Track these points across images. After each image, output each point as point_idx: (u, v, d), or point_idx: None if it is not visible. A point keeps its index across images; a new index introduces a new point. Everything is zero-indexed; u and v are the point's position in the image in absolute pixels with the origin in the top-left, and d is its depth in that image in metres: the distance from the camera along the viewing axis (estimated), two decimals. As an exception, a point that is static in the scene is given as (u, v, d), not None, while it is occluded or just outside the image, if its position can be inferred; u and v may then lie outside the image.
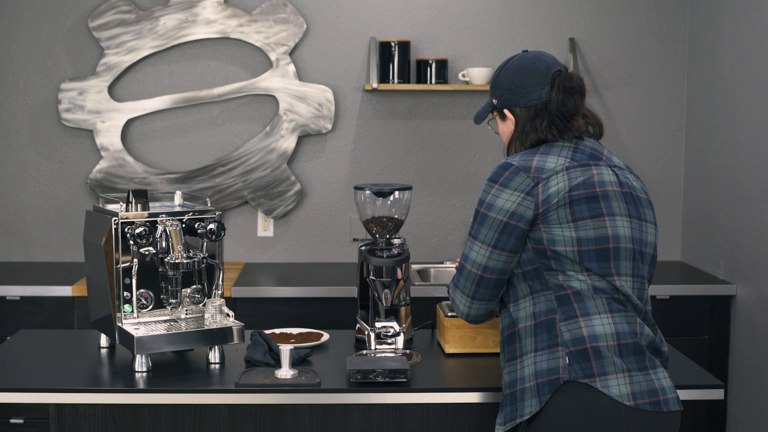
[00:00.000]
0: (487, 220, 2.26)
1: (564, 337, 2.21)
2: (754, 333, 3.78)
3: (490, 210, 2.26)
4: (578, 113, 2.33)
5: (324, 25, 4.43)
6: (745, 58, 3.85)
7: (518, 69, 2.35)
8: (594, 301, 2.23)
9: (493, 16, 4.46)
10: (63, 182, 4.45)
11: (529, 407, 2.22)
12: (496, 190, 2.26)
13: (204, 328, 2.65)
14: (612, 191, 2.27)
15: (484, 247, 2.28)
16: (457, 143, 4.51)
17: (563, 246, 2.22)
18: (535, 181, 2.23)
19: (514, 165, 2.26)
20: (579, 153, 2.29)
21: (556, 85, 2.31)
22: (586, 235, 2.22)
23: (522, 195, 2.23)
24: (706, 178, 4.26)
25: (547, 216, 2.22)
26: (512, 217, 2.24)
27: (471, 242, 2.31)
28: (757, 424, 3.74)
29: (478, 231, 2.29)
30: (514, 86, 2.34)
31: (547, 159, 2.26)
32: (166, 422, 2.55)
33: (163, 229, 2.66)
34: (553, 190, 2.22)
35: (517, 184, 2.24)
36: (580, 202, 2.23)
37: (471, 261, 2.31)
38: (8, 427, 3.72)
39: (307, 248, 4.53)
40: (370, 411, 2.55)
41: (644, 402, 2.19)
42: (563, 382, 2.19)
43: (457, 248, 4.53)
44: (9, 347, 2.92)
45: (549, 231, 2.23)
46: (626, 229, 2.27)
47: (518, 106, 2.34)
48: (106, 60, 4.35)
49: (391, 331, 2.77)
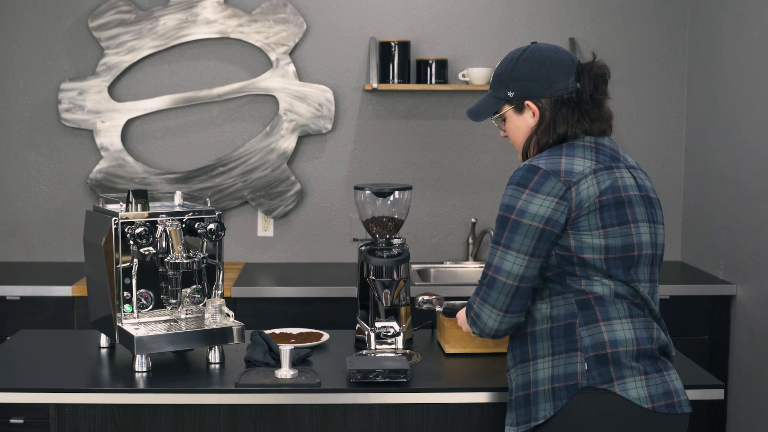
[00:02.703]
0: (521, 228, 2.16)
1: (584, 342, 2.18)
2: (754, 333, 3.78)
3: (523, 216, 2.16)
4: (606, 100, 2.29)
5: (324, 25, 4.43)
6: (745, 58, 3.85)
7: (540, 59, 2.26)
8: (615, 306, 2.20)
9: (493, 16, 4.46)
10: (63, 182, 4.45)
11: (544, 411, 2.20)
12: (528, 196, 2.16)
13: (204, 328, 2.65)
14: (634, 196, 2.23)
15: (521, 256, 2.17)
16: (457, 143, 4.51)
17: (591, 254, 2.17)
18: (567, 185, 2.16)
19: (542, 168, 2.17)
20: (601, 154, 2.23)
21: (586, 73, 2.25)
22: (614, 243, 2.18)
23: (556, 200, 2.15)
24: (706, 178, 4.25)
25: (577, 222, 2.16)
26: (548, 223, 2.16)
27: (503, 252, 2.19)
28: (757, 424, 3.74)
29: (511, 239, 2.17)
30: (539, 76, 2.25)
31: (574, 161, 2.19)
32: (166, 422, 2.54)
33: (163, 229, 2.66)
34: (584, 194, 2.16)
35: (549, 189, 2.16)
36: (609, 207, 2.18)
37: (506, 272, 2.19)
38: (8, 427, 3.72)
39: (307, 248, 4.53)
40: (370, 411, 2.55)
41: (661, 404, 2.18)
42: (581, 388, 2.17)
43: (457, 248, 4.53)
44: (9, 347, 2.92)
45: (578, 238, 2.17)
46: (647, 235, 2.23)
47: (543, 97, 2.25)
48: (106, 60, 4.35)
49: (391, 331, 2.77)
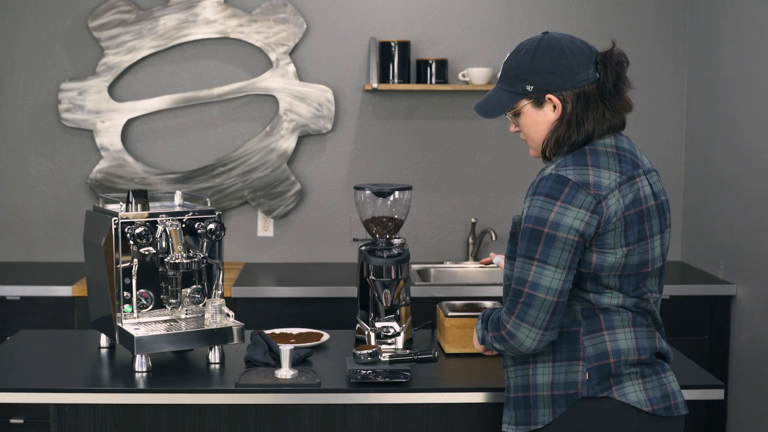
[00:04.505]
0: (557, 241, 2.10)
1: (587, 352, 2.17)
2: (754, 333, 3.78)
3: (558, 230, 2.09)
4: (628, 89, 2.23)
5: (324, 25, 4.43)
6: (745, 58, 3.85)
7: (560, 49, 2.18)
8: (620, 315, 2.19)
9: (493, 16, 4.46)
10: (63, 182, 4.45)
11: (543, 416, 2.20)
12: (561, 208, 2.10)
13: (204, 328, 2.65)
14: (651, 207, 2.19)
15: (560, 270, 2.10)
16: (457, 143, 4.51)
17: (609, 271, 2.15)
18: (597, 199, 2.10)
19: (572, 180, 2.11)
20: (624, 162, 2.18)
21: (607, 62, 2.19)
22: (632, 261, 2.16)
23: (589, 213, 2.10)
24: (706, 178, 4.25)
25: (603, 238, 2.12)
26: (582, 236, 2.11)
27: (540, 267, 2.10)
28: (757, 424, 3.74)
29: (547, 254, 2.10)
30: (560, 68, 2.17)
31: (600, 174, 2.13)
32: (166, 422, 2.54)
33: (163, 229, 2.66)
34: (612, 210, 2.12)
35: (581, 202, 2.10)
36: (632, 224, 2.14)
37: (545, 288, 2.10)
38: (8, 427, 3.72)
39: (307, 248, 4.53)
40: (370, 411, 2.55)
41: (659, 407, 2.18)
42: (581, 397, 2.17)
43: (457, 248, 4.53)
44: (9, 347, 2.92)
45: (602, 257, 2.14)
46: (659, 248, 2.22)
47: (565, 90, 2.17)
48: (106, 60, 4.35)
49: (391, 331, 2.77)
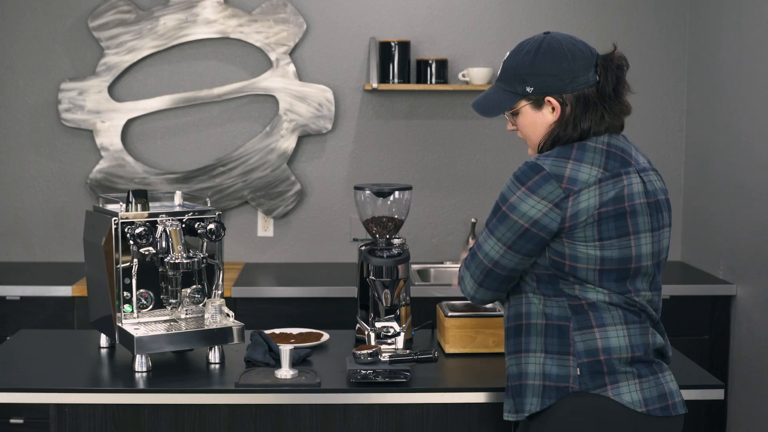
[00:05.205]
0: (507, 221, 2.16)
1: (577, 347, 2.16)
2: (754, 333, 3.78)
3: (512, 212, 2.14)
4: (627, 93, 2.25)
5: (324, 25, 4.43)
6: (745, 58, 3.85)
7: (561, 52, 2.19)
8: (610, 313, 2.18)
9: (493, 16, 4.46)
10: (63, 182, 4.45)
11: (530, 405, 2.20)
12: (522, 194, 2.13)
13: (204, 328, 2.65)
14: (639, 204, 2.18)
15: (499, 244, 2.18)
16: (457, 143, 4.51)
17: (585, 264, 2.15)
18: (566, 193, 2.11)
19: (545, 170, 2.13)
20: (612, 160, 2.17)
21: (607, 66, 2.20)
22: (611, 255, 2.15)
23: (549, 206, 2.11)
24: (706, 178, 4.25)
25: (573, 232, 2.13)
26: (534, 225, 2.13)
27: (487, 235, 2.21)
28: (757, 424, 3.74)
29: (496, 228, 2.18)
30: (560, 71, 2.17)
31: (580, 168, 2.14)
32: (166, 422, 2.54)
33: (163, 229, 2.66)
34: (583, 206, 2.12)
35: (546, 193, 2.12)
36: (608, 220, 2.13)
37: (484, 253, 2.22)
38: (8, 427, 3.71)
39: (307, 248, 4.53)
40: (370, 411, 2.55)
41: (655, 408, 2.17)
42: (572, 392, 2.16)
43: (457, 248, 4.53)
44: (9, 347, 2.92)
45: (573, 248, 2.14)
46: (648, 245, 2.19)
47: (565, 92, 2.18)
48: (106, 60, 4.35)
49: (391, 331, 2.77)
